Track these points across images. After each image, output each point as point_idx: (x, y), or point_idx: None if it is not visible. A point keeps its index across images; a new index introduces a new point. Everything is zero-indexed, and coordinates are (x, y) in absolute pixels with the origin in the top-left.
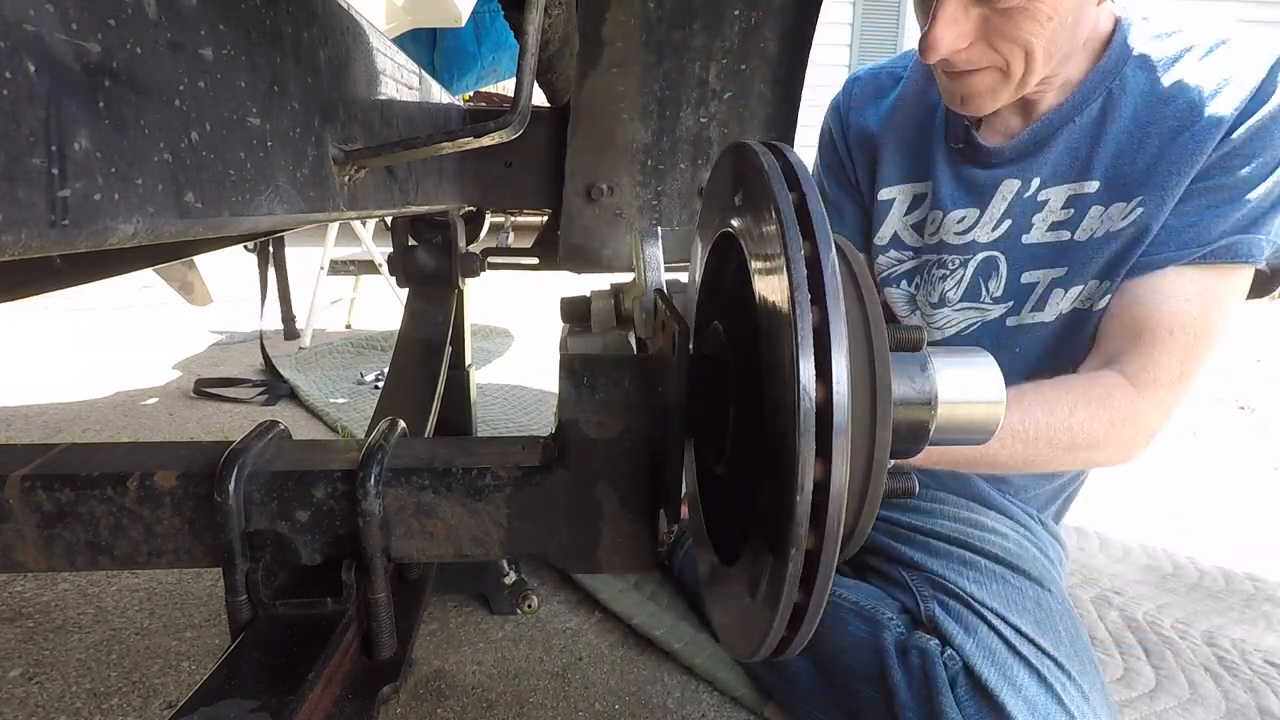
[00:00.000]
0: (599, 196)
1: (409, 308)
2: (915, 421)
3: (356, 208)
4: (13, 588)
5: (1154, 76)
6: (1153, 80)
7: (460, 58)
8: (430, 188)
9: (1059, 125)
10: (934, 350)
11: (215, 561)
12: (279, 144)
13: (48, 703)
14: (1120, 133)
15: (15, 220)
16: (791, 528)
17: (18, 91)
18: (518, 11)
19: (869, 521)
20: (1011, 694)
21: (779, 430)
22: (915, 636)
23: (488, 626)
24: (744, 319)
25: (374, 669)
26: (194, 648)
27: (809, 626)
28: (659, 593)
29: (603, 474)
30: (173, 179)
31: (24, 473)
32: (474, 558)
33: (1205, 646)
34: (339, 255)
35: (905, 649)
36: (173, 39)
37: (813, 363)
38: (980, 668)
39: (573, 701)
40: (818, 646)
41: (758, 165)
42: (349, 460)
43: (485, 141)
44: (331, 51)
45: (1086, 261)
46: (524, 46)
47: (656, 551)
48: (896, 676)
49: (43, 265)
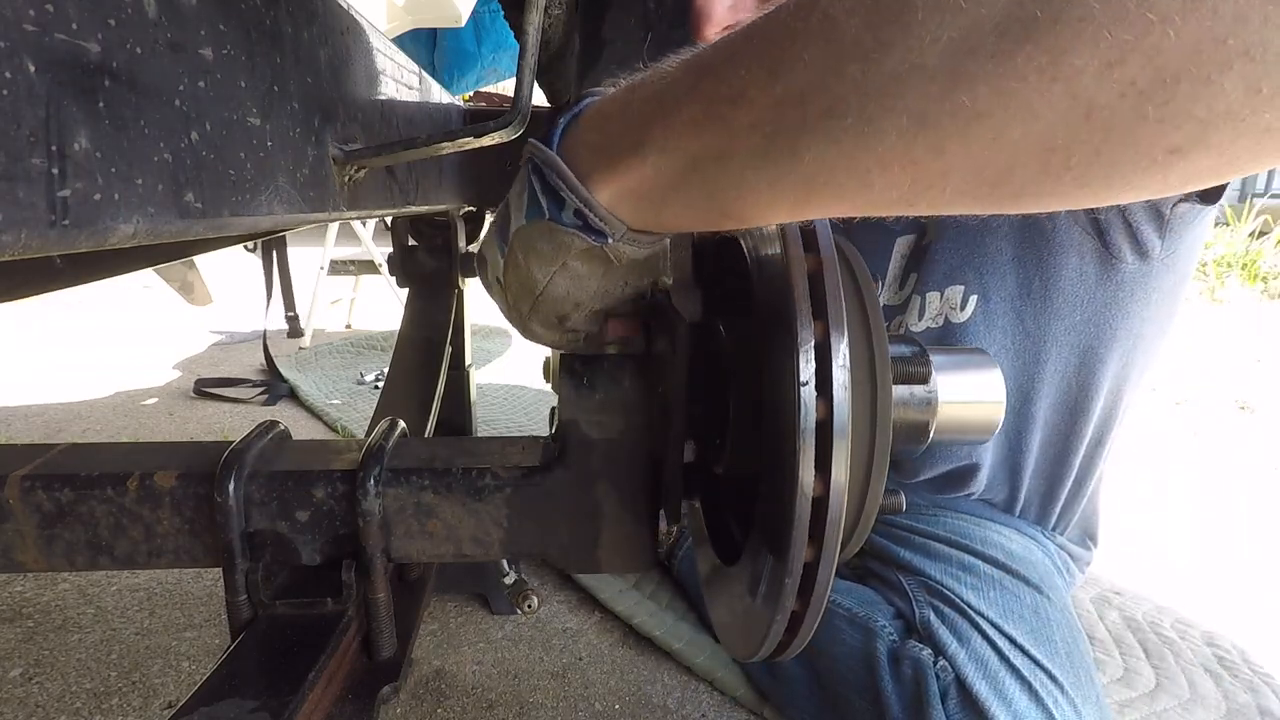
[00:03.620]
0: None
1: (409, 308)
2: (915, 422)
3: (356, 208)
4: (13, 588)
5: None
6: None
7: (460, 58)
8: (430, 188)
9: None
10: (934, 350)
11: (215, 561)
12: (279, 144)
13: (48, 703)
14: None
15: (15, 220)
16: (791, 528)
17: (18, 91)
18: (518, 11)
19: (869, 522)
20: (1001, 708)
21: (779, 431)
22: (908, 646)
23: (488, 626)
24: (745, 318)
25: (374, 669)
26: (194, 648)
27: (808, 628)
28: (659, 593)
29: (603, 474)
30: (173, 179)
31: (24, 473)
32: (474, 558)
33: (1205, 646)
34: (339, 255)
35: (898, 659)
36: (173, 39)
37: (813, 364)
38: (971, 679)
39: (573, 701)
40: (812, 654)
41: None
42: (349, 460)
43: (485, 141)
44: (331, 51)
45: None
46: (524, 46)
47: (656, 551)
48: (889, 688)
49: (43, 265)
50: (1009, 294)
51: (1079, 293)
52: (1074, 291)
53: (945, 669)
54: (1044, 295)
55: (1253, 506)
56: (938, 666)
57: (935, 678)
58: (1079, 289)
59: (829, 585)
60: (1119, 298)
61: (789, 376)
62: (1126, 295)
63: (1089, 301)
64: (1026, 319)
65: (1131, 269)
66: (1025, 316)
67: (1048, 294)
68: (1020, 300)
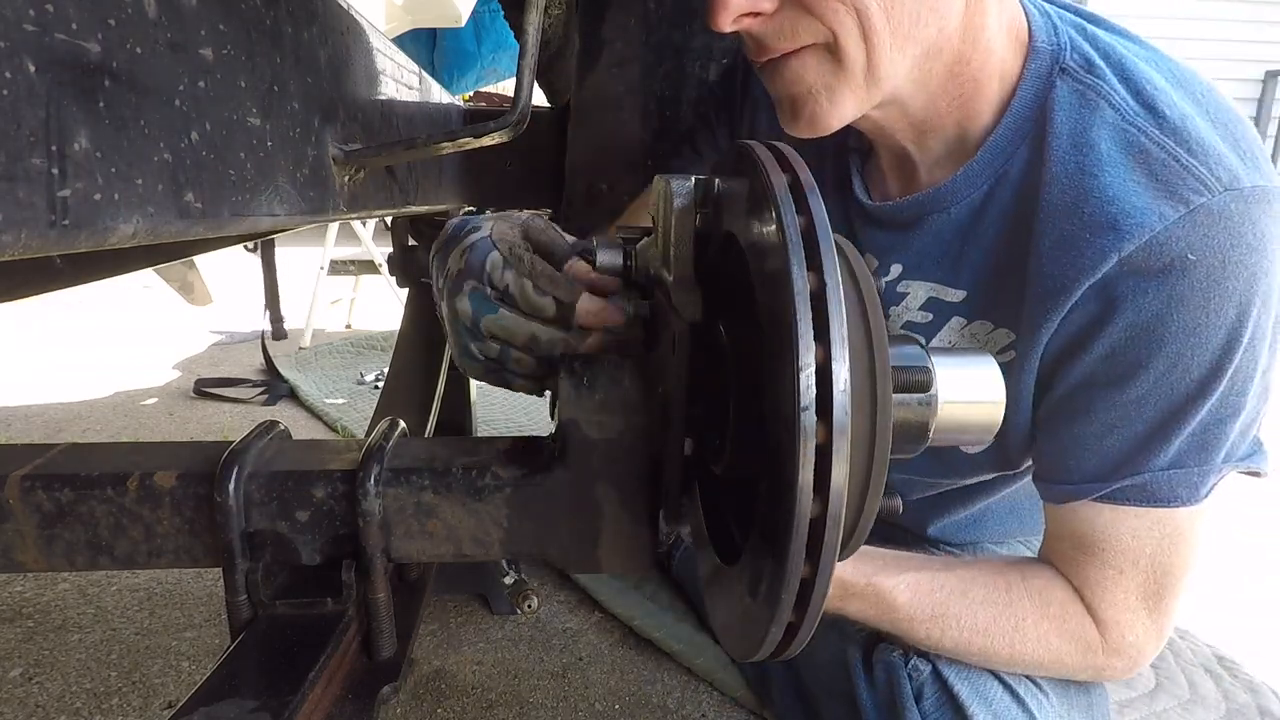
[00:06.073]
0: (599, 196)
1: (409, 308)
2: (915, 422)
3: (356, 208)
4: (13, 588)
5: (1077, 161)
6: (1067, 166)
7: (460, 58)
8: (430, 188)
9: (930, 209)
10: (934, 350)
11: (215, 561)
12: (279, 144)
13: (48, 703)
14: (999, 234)
15: (15, 220)
16: (789, 543)
17: (18, 91)
18: (518, 11)
19: (868, 525)
20: (981, 707)
21: (779, 431)
22: (880, 649)
23: (488, 626)
24: (745, 319)
25: (374, 669)
26: (194, 648)
27: (807, 630)
28: (659, 593)
29: (603, 474)
30: (173, 179)
31: (24, 473)
32: (474, 558)
33: (1205, 646)
34: (339, 255)
35: (871, 664)
36: (173, 39)
37: (814, 389)
38: (952, 680)
39: (573, 701)
40: (795, 661)
41: (759, 166)
42: (349, 460)
43: (485, 141)
44: (331, 51)
45: None
46: (524, 46)
47: (656, 551)
48: (863, 692)
49: (43, 265)
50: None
51: None
52: None
53: (917, 669)
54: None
55: (1251, 506)
56: (909, 667)
57: (908, 678)
58: None
59: (828, 589)
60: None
61: (789, 397)
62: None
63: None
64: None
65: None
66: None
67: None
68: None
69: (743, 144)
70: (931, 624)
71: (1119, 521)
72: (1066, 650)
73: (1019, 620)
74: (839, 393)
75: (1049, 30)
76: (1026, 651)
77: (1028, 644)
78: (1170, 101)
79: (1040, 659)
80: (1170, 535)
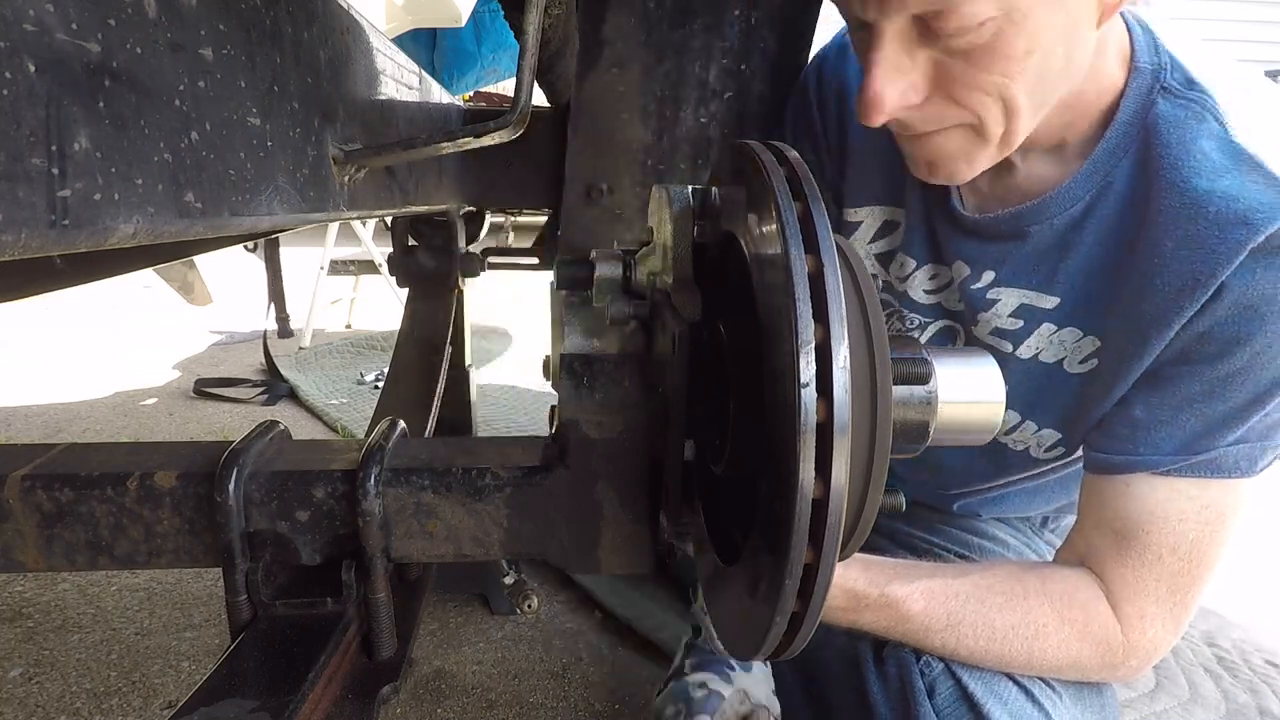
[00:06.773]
0: (599, 197)
1: (409, 308)
2: (915, 421)
3: (356, 208)
4: (13, 588)
5: (1192, 167)
6: (1181, 173)
7: (460, 58)
8: (430, 188)
9: (1032, 220)
10: (934, 350)
11: (215, 561)
12: (279, 144)
13: (48, 703)
14: (1098, 242)
15: (15, 220)
16: (791, 529)
17: (18, 91)
18: (518, 11)
19: (869, 522)
20: (996, 705)
21: (779, 431)
22: (892, 644)
23: (488, 626)
24: (745, 319)
25: (374, 669)
26: (194, 648)
27: (809, 628)
28: (659, 593)
29: (603, 474)
30: (173, 179)
31: (24, 473)
32: (474, 558)
33: (1205, 646)
34: (339, 255)
35: (882, 658)
36: (173, 39)
37: (814, 365)
38: (965, 678)
39: (573, 701)
40: (802, 654)
41: (759, 167)
42: (349, 460)
43: (485, 141)
44: (331, 51)
45: (1022, 386)
46: (524, 46)
47: (656, 552)
48: (874, 687)
49: (43, 265)
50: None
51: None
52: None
53: (929, 664)
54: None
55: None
56: (921, 662)
57: (920, 674)
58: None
59: (829, 586)
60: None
61: (789, 377)
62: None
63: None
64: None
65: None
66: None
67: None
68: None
69: (741, 143)
70: (947, 633)
71: (1171, 500)
72: (1087, 653)
73: (1038, 626)
74: (839, 369)
75: (1151, 49)
76: (1046, 657)
77: (1047, 649)
78: (1263, 111)
79: (1059, 663)
80: (1213, 521)
